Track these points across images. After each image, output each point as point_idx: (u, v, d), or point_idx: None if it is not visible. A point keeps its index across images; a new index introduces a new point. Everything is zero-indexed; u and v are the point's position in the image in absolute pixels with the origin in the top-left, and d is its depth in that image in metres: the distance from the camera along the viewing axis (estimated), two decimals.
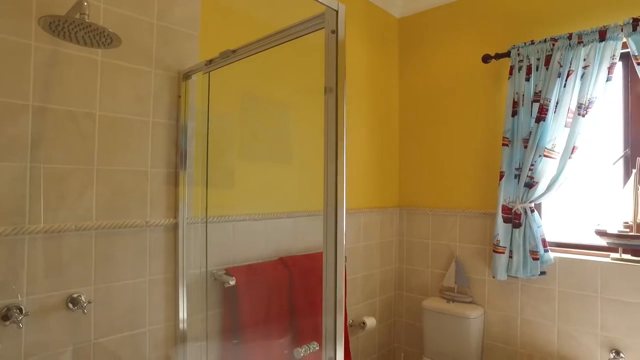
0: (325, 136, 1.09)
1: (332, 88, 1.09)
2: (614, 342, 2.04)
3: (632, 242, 2.00)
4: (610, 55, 2.01)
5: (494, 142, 2.42)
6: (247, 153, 1.92)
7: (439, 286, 2.63)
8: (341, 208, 1.05)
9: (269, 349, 1.79)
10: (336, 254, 1.03)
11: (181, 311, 1.63)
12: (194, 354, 1.69)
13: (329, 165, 1.07)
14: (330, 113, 1.08)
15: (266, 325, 1.79)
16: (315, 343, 1.50)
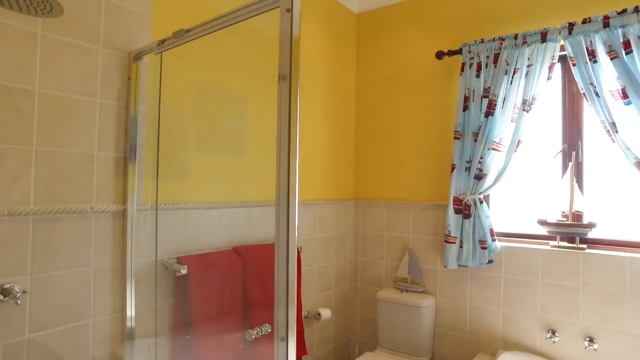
0: (278, 125, 1.08)
1: (286, 75, 1.08)
2: (551, 323, 2.17)
3: (568, 230, 2.14)
4: (550, 55, 2.14)
5: (446, 136, 2.51)
6: (200, 140, 1.87)
7: (393, 277, 2.69)
8: (293, 198, 1.04)
9: (222, 342, 1.75)
10: (288, 244, 1.02)
11: (129, 302, 1.56)
12: (143, 347, 1.62)
13: (282, 155, 1.06)
14: (284, 101, 1.07)
15: (219, 317, 1.75)
16: (267, 325, 1.48)
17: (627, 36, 1.92)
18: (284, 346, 0.98)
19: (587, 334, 2.08)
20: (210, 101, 1.94)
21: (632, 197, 2.13)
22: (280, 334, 0.98)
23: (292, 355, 0.98)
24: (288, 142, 1.05)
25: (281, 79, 1.08)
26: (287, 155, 1.05)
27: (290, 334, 0.98)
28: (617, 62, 1.94)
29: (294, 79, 1.07)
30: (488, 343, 2.35)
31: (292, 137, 1.05)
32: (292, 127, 1.05)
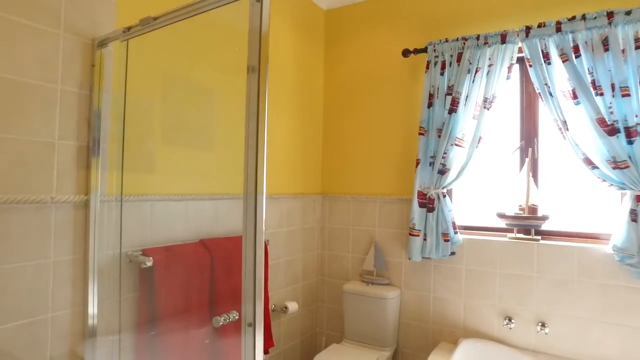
0: (247, 118, 1.08)
1: (254, 67, 1.08)
2: (508, 310, 2.29)
3: (524, 222, 2.25)
4: (509, 56, 2.25)
5: (411, 132, 2.58)
6: (167, 133, 1.83)
7: (359, 270, 2.74)
8: (261, 192, 1.04)
9: (188, 337, 1.73)
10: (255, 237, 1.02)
11: (91, 295, 1.51)
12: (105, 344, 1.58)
13: (250, 148, 1.06)
14: (252, 94, 1.07)
15: (185, 310, 1.73)
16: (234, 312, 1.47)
17: (577, 41, 2.05)
18: (252, 332, 0.99)
19: (540, 319, 2.20)
20: (178, 93, 1.91)
21: (582, 191, 2.27)
22: (248, 319, 0.98)
23: (259, 341, 1.00)
24: (256, 135, 1.05)
25: (250, 71, 1.08)
26: (254, 149, 1.05)
27: (258, 320, 0.99)
28: (568, 65, 2.06)
29: (262, 71, 1.07)
30: (450, 332, 2.44)
31: (260, 130, 1.06)
32: (260, 120, 1.06)
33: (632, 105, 1.93)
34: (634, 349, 2.00)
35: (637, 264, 1.91)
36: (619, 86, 1.95)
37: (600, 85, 1.99)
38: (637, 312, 2.00)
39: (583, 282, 2.12)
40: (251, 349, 0.97)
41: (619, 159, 1.94)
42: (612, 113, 1.96)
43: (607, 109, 1.97)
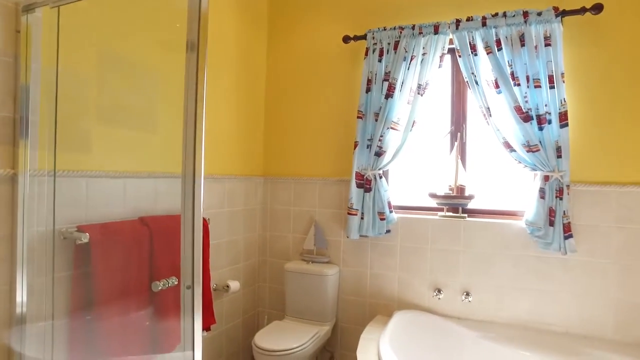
0: (185, 96, 1.08)
1: (194, 45, 1.08)
2: (437, 282, 2.48)
3: (453, 201, 2.44)
4: (441, 46, 2.41)
5: (350, 116, 2.68)
6: (104, 110, 1.77)
7: (300, 250, 2.82)
8: (199, 170, 1.06)
9: (127, 315, 1.71)
10: (194, 216, 1.05)
11: (19, 275, 1.45)
12: (35, 328, 1.52)
13: (188, 127, 1.07)
14: (191, 72, 1.08)
15: (124, 288, 1.70)
16: (173, 278, 1.47)
17: (499, 35, 2.25)
18: (190, 294, 1.02)
19: (465, 289, 2.42)
20: (116, 69, 1.84)
21: (503, 172, 2.50)
22: (187, 282, 1.01)
23: (198, 301, 1.03)
24: (195, 114, 1.07)
25: (189, 49, 1.08)
26: (193, 127, 1.06)
27: (196, 282, 1.02)
28: (491, 57, 2.26)
29: (202, 49, 1.08)
30: (385, 305, 2.60)
31: (199, 109, 1.07)
32: (199, 99, 1.07)
33: (542, 96, 2.16)
34: (541, 308, 2.27)
35: (544, 236, 2.16)
36: (532, 78, 2.18)
37: (517, 76, 2.21)
38: (543, 278, 2.26)
39: (501, 254, 2.35)
40: (190, 309, 1.00)
41: (532, 143, 2.17)
42: (527, 102, 2.19)
43: (523, 98, 2.19)
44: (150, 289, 1.80)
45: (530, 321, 2.29)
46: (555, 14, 2.15)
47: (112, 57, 1.81)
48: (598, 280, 2.17)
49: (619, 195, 2.14)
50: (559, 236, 2.13)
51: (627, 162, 2.14)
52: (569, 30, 2.24)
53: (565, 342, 2.12)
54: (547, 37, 2.17)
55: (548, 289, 2.26)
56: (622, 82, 2.16)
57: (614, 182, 2.16)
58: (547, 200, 2.16)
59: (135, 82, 1.95)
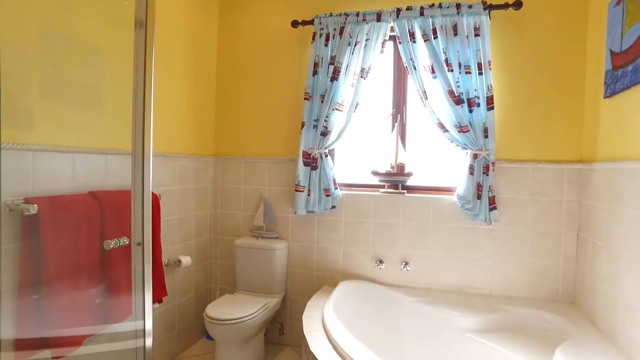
0: (134, 74, 1.12)
1: (142, 22, 1.13)
2: (378, 254, 2.68)
3: (393, 178, 2.63)
4: (383, 33, 2.57)
5: (297, 97, 2.80)
6: (48, 86, 1.77)
7: (250, 226, 2.93)
8: (148, 145, 1.12)
9: (77, 290, 1.74)
10: (143, 191, 1.11)
11: None
12: None
13: (137, 104, 1.11)
14: (139, 49, 1.12)
15: (74, 262, 1.74)
16: (125, 238, 1.53)
17: (435, 25, 2.44)
18: (140, 251, 1.11)
19: (403, 259, 2.63)
20: (61, 45, 1.84)
21: (438, 151, 2.71)
22: (137, 239, 1.10)
23: (147, 258, 1.12)
24: (143, 92, 1.12)
25: (137, 26, 1.13)
26: (142, 105, 1.12)
27: (146, 239, 1.11)
28: (428, 44, 2.44)
29: (150, 27, 1.13)
30: (331, 277, 2.77)
31: (147, 87, 1.13)
32: (147, 76, 1.12)
33: (472, 81, 2.38)
34: (470, 274, 2.52)
35: (472, 208, 2.40)
36: (464, 65, 2.39)
37: (451, 63, 2.41)
38: (472, 247, 2.51)
39: (436, 226, 2.57)
40: (140, 264, 1.09)
41: (463, 124, 2.38)
42: (459, 86, 2.39)
43: (455, 83, 2.40)
44: (101, 263, 1.84)
45: (461, 286, 2.54)
46: (484, 7, 2.37)
47: (56, 33, 1.81)
48: (516, 247, 2.45)
49: (533, 172, 2.42)
50: (485, 208, 2.37)
51: (540, 142, 2.41)
52: (495, 23, 2.46)
53: (490, 302, 2.38)
54: (476, 28, 2.38)
55: (476, 257, 2.51)
56: (538, 71, 2.41)
57: (530, 160, 2.42)
58: (476, 176, 2.39)
59: (82, 58, 1.96)
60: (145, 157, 1.09)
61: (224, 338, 2.35)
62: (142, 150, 1.08)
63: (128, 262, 1.91)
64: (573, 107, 2.37)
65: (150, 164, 1.13)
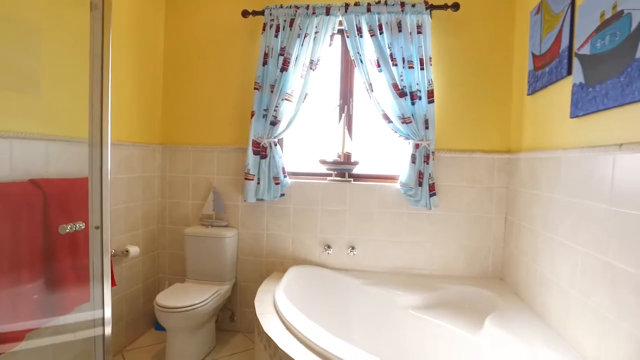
0: (91, 59, 1.10)
1: (97, 5, 1.11)
2: (326, 240, 2.79)
3: (340, 167, 2.74)
4: (332, 27, 2.65)
5: (247, 87, 2.82)
6: None
7: (199, 215, 2.92)
8: (106, 134, 1.12)
9: (18, 287, 1.67)
10: (102, 181, 1.12)
11: None
12: None
13: (94, 90, 1.10)
14: (96, 33, 1.11)
15: (14, 257, 1.66)
16: (81, 222, 1.50)
17: (381, 21, 2.56)
18: (99, 234, 1.11)
19: (350, 244, 2.76)
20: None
21: (382, 141, 2.86)
22: (95, 223, 1.10)
23: (107, 242, 1.13)
24: (101, 78, 1.11)
25: (93, 9, 1.10)
26: (99, 91, 1.11)
27: (105, 223, 1.12)
28: (374, 39, 2.56)
29: (107, 10, 1.11)
30: (281, 263, 2.85)
31: (105, 73, 1.12)
32: (105, 62, 1.11)
33: (415, 76, 2.53)
34: (412, 257, 2.71)
35: (414, 195, 2.57)
36: (407, 60, 2.54)
37: (395, 57, 2.55)
38: (414, 231, 2.69)
39: (381, 212, 2.73)
40: (98, 249, 1.10)
41: (406, 116, 2.54)
42: (402, 80, 2.54)
43: (399, 77, 2.54)
44: (45, 253, 1.78)
45: (403, 267, 2.72)
46: (426, 7, 2.53)
47: None
48: (453, 230, 2.66)
49: (469, 161, 2.63)
50: (426, 194, 2.55)
51: (475, 134, 2.63)
52: (436, 22, 2.64)
53: (429, 282, 2.57)
54: (419, 26, 2.53)
55: (417, 240, 2.70)
56: (473, 68, 2.62)
57: (465, 150, 2.64)
58: (417, 165, 2.56)
59: (17, 39, 1.86)
60: (103, 142, 1.09)
61: (175, 326, 2.35)
62: (100, 136, 1.08)
63: (76, 251, 1.87)
64: (502, 102, 2.61)
65: (108, 150, 1.14)
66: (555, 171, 1.92)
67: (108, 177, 1.10)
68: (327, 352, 1.63)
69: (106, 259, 1.10)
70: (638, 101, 1.34)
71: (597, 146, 1.57)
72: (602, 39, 1.53)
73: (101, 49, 1.08)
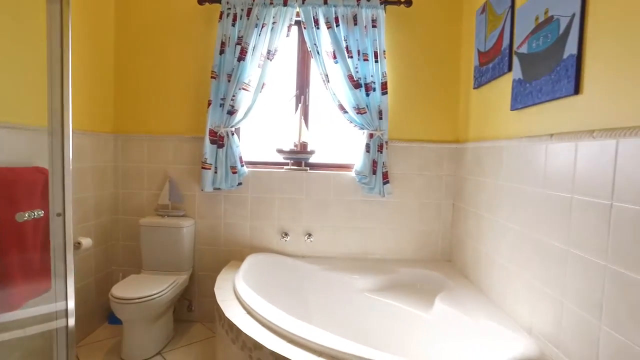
0: (49, 48, 1.08)
1: None
2: (284, 227, 2.85)
3: (297, 156, 2.80)
4: (289, 17, 2.68)
5: (204, 75, 2.79)
6: None
7: (155, 205, 2.87)
8: (67, 123, 1.10)
9: None
10: (63, 167, 1.10)
11: None
12: None
13: (54, 78, 1.08)
14: (55, 23, 1.08)
15: None
16: (39, 210, 1.45)
17: (337, 14, 2.63)
18: (61, 221, 1.10)
19: (307, 231, 2.84)
20: None
21: (337, 130, 2.95)
22: (57, 210, 1.09)
23: (69, 230, 1.12)
24: (61, 66, 1.08)
25: None
26: (59, 80, 1.08)
27: (67, 211, 1.11)
28: (330, 32, 2.63)
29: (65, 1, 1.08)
30: (239, 251, 2.87)
31: (65, 64, 1.09)
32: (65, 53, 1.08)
33: (369, 68, 2.63)
34: (366, 242, 2.83)
35: (368, 183, 2.68)
36: (362, 53, 2.62)
37: (351, 50, 2.62)
38: (368, 217, 2.81)
39: (336, 200, 2.82)
40: (61, 236, 1.09)
41: (361, 107, 2.63)
42: (358, 72, 2.63)
43: (355, 69, 2.62)
44: None
45: (359, 253, 2.84)
46: (380, 2, 2.62)
47: None
48: (405, 216, 2.81)
49: (420, 150, 2.78)
50: (380, 182, 2.67)
51: (425, 125, 2.78)
52: (390, 17, 2.74)
53: (383, 265, 2.70)
54: (374, 20, 2.62)
55: (372, 226, 2.82)
56: (424, 62, 2.76)
57: (417, 140, 2.78)
58: (371, 154, 2.66)
59: None
60: (64, 130, 1.07)
61: (132, 318, 2.32)
62: (61, 122, 1.06)
63: (24, 243, 1.80)
64: (451, 95, 2.77)
65: (69, 135, 1.12)
66: (498, 159, 2.09)
67: (70, 163, 1.09)
68: (289, 332, 1.70)
69: (69, 248, 1.09)
70: (565, 96, 1.50)
71: (533, 136, 1.73)
72: (537, 40, 1.69)
73: (60, 33, 1.06)
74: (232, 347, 1.86)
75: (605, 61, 1.32)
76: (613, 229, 1.24)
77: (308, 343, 1.64)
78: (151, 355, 2.42)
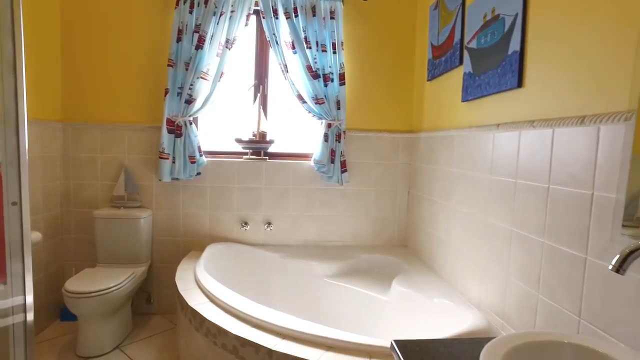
0: None
1: None
2: (243, 217, 2.86)
3: (256, 145, 2.81)
4: (248, 6, 2.67)
5: (160, 63, 2.72)
6: None
7: (110, 197, 2.79)
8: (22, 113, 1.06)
9: None
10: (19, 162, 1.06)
11: None
12: None
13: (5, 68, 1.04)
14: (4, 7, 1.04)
15: None
16: None
17: (296, 4, 2.65)
18: (17, 210, 1.07)
19: (267, 220, 2.87)
20: None
21: (296, 120, 2.98)
22: (12, 198, 1.06)
23: (26, 220, 1.09)
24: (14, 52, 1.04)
25: None
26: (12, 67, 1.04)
27: (24, 199, 1.08)
28: (289, 22, 2.65)
29: None
30: (199, 241, 2.85)
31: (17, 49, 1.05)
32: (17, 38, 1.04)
33: (327, 59, 2.68)
34: (325, 230, 2.91)
35: (327, 171, 2.75)
36: (320, 44, 2.67)
37: (310, 41, 2.66)
38: (327, 206, 2.89)
39: (295, 188, 2.86)
40: (17, 225, 1.06)
41: (319, 97, 2.68)
42: (316, 63, 2.67)
43: (313, 60, 2.67)
44: None
45: (318, 240, 2.91)
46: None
47: None
48: (363, 203, 2.90)
49: (376, 140, 2.88)
50: (338, 171, 2.74)
51: (381, 115, 2.88)
52: (348, 9, 2.80)
53: (342, 252, 2.79)
54: (332, 12, 2.67)
55: (330, 213, 2.89)
56: (380, 54, 2.85)
57: (373, 130, 2.88)
58: (330, 143, 2.73)
59: None
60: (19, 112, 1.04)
61: (88, 313, 2.26)
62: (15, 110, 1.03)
63: None
64: (406, 87, 2.88)
65: (24, 120, 1.09)
66: (450, 148, 2.22)
67: (25, 143, 1.05)
68: (252, 317, 1.74)
69: (26, 238, 1.07)
70: (510, 89, 1.63)
71: (482, 126, 1.86)
72: (485, 36, 1.81)
73: (11, 15, 1.03)
74: (195, 334, 1.87)
75: (545, 57, 1.45)
76: (550, 209, 1.38)
77: (271, 326, 1.69)
78: (109, 350, 2.37)
